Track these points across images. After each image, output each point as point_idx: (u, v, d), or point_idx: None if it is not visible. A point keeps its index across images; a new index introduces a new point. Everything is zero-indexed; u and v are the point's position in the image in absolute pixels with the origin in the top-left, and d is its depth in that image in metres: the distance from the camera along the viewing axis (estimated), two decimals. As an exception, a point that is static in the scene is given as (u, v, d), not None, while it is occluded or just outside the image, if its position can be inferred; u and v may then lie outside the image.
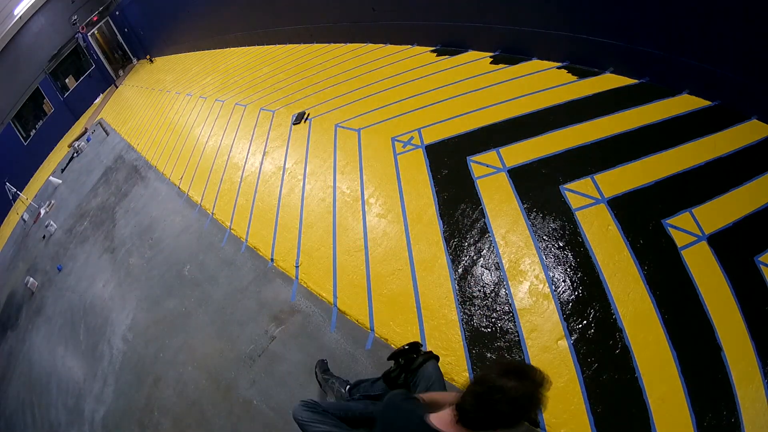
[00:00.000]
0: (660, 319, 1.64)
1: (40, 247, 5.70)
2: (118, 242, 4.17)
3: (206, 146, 4.81)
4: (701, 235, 1.84)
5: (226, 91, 6.03)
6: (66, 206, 6.37)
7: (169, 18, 9.92)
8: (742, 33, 2.10)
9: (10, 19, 10.47)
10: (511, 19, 3.33)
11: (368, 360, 1.97)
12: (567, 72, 3.05)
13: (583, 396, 1.53)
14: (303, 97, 4.53)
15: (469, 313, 1.94)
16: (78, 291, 3.92)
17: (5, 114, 11.04)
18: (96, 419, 2.51)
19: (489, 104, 3.05)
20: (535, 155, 2.51)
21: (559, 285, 1.88)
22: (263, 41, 7.05)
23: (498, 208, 2.33)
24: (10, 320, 4.49)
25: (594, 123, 2.55)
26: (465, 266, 2.13)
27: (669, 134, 2.31)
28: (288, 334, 2.28)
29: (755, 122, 2.20)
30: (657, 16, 2.44)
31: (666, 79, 2.58)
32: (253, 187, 3.57)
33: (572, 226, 2.08)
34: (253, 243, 2.98)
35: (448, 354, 1.83)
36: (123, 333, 2.98)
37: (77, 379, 2.92)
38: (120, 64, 13.78)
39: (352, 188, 2.94)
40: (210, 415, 2.13)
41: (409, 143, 3.05)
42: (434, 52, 4.03)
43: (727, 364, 1.47)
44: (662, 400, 1.45)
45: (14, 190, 8.26)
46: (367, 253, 2.45)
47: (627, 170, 2.21)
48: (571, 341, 1.68)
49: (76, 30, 12.18)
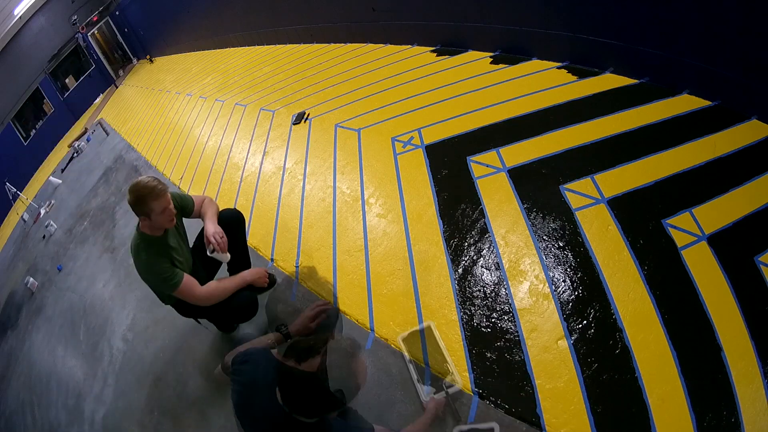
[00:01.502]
0: (660, 319, 1.64)
1: (40, 247, 5.70)
2: (118, 242, 4.17)
3: (206, 146, 4.81)
4: (701, 235, 1.84)
5: (226, 91, 6.04)
6: (66, 206, 6.37)
7: (169, 18, 9.93)
8: (743, 33, 2.10)
9: (10, 19, 10.48)
10: (511, 19, 3.33)
11: (368, 360, 1.97)
12: (567, 72, 3.05)
13: (583, 396, 1.53)
14: (303, 97, 4.53)
15: (469, 313, 1.94)
16: (78, 291, 3.92)
17: (5, 114, 11.04)
18: (96, 419, 2.51)
19: (489, 104, 3.05)
20: (535, 155, 2.51)
21: (559, 285, 1.88)
22: (263, 41, 7.05)
23: (498, 208, 2.33)
24: (10, 320, 4.49)
25: (594, 123, 2.55)
26: (465, 266, 2.13)
27: (669, 134, 2.31)
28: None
29: (755, 122, 2.20)
30: (657, 16, 2.45)
31: (666, 79, 2.58)
32: (253, 187, 3.57)
33: (572, 226, 2.08)
34: (253, 243, 2.98)
35: (449, 354, 1.83)
36: (123, 333, 2.98)
37: (77, 379, 2.92)
38: (120, 64, 13.79)
39: (352, 188, 2.95)
40: (210, 415, 2.13)
41: (409, 143, 3.05)
42: (434, 52, 4.03)
43: (727, 364, 1.47)
44: (662, 400, 1.45)
45: (14, 190, 8.26)
46: (367, 253, 2.45)
47: (627, 170, 2.22)
48: (571, 341, 1.68)
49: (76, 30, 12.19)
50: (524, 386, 1.63)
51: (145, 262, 1.81)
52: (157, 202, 1.71)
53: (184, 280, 1.83)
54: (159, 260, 1.80)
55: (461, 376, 1.74)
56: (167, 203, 1.75)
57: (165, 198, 1.74)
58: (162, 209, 1.73)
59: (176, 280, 1.81)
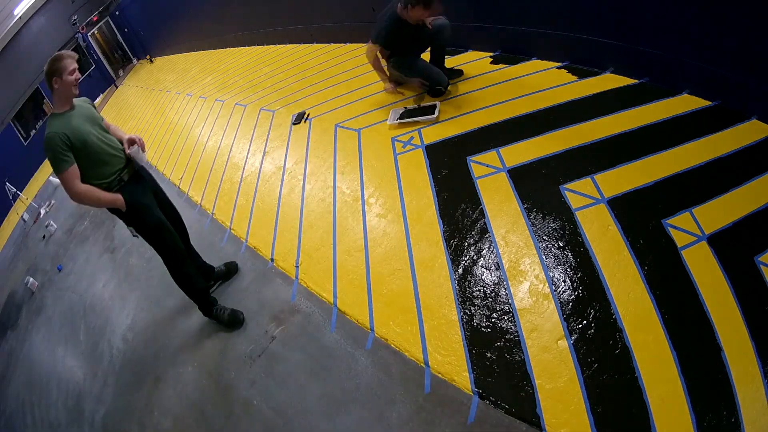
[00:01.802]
0: (660, 319, 1.64)
1: (40, 247, 5.70)
2: (118, 242, 4.17)
3: (206, 146, 4.81)
4: (701, 235, 1.84)
5: (226, 91, 6.04)
6: (66, 206, 6.37)
7: (169, 18, 9.92)
8: (743, 33, 2.10)
9: (10, 19, 10.46)
10: (511, 19, 3.33)
11: (368, 360, 1.97)
12: (567, 72, 3.05)
13: (583, 396, 1.53)
14: (303, 97, 4.53)
15: (469, 313, 1.94)
16: (78, 291, 3.92)
17: (5, 114, 11.03)
18: (96, 419, 2.51)
19: (489, 104, 3.05)
20: (535, 155, 2.51)
21: (559, 285, 1.88)
22: (263, 41, 7.05)
23: (498, 208, 2.33)
24: (10, 320, 4.49)
25: (594, 123, 2.55)
26: (465, 266, 2.13)
27: (669, 134, 2.31)
28: (288, 334, 2.28)
29: (755, 122, 2.20)
30: (657, 16, 2.45)
31: (666, 79, 2.58)
32: (253, 186, 3.57)
33: (572, 226, 2.08)
34: (253, 243, 2.98)
35: (448, 354, 1.83)
36: (123, 333, 2.99)
37: (77, 379, 2.92)
38: (120, 64, 13.77)
39: (352, 188, 2.95)
40: (210, 415, 2.13)
41: (409, 143, 3.05)
42: (434, 52, 4.02)
43: (727, 364, 1.47)
44: (662, 400, 1.45)
45: (14, 190, 8.26)
46: (367, 253, 2.45)
47: (627, 170, 2.22)
48: (571, 341, 1.68)
49: (76, 30, 12.18)
50: (524, 386, 1.63)
51: (47, 136, 1.96)
52: (70, 59, 2.03)
53: (71, 169, 1.98)
54: (58, 135, 1.94)
55: (461, 376, 1.74)
56: (76, 66, 2.07)
57: (75, 61, 2.07)
58: (72, 69, 2.04)
59: (65, 164, 1.96)
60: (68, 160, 1.96)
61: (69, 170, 1.97)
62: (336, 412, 1.85)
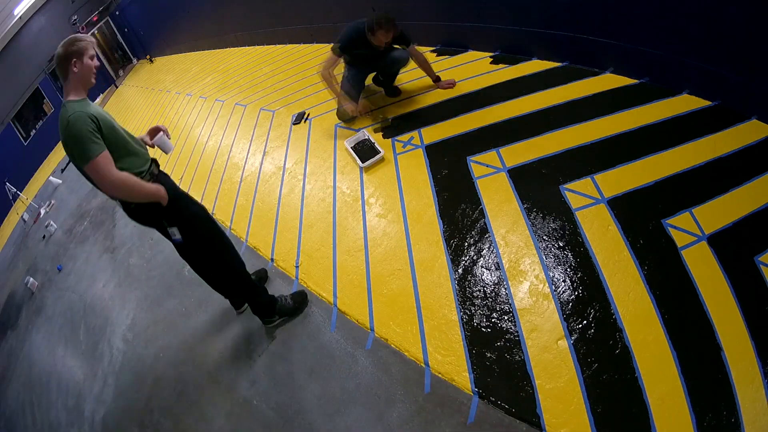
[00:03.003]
0: (660, 319, 1.64)
1: (40, 247, 5.70)
2: (118, 242, 4.17)
3: (206, 146, 4.81)
4: (701, 235, 1.84)
5: (226, 91, 6.03)
6: (66, 206, 6.37)
7: (169, 18, 9.92)
8: (743, 33, 2.10)
9: (10, 19, 10.46)
10: (511, 19, 3.33)
11: (368, 360, 1.97)
12: (567, 72, 3.05)
13: (583, 396, 1.53)
14: (303, 97, 4.53)
15: (469, 313, 1.94)
16: (78, 291, 3.92)
17: (5, 114, 11.03)
18: (96, 419, 2.51)
19: (489, 104, 3.05)
20: (535, 155, 2.51)
21: (559, 285, 1.88)
22: (263, 41, 7.05)
23: (498, 208, 2.33)
24: (10, 320, 4.49)
25: (594, 123, 2.55)
26: (465, 266, 2.13)
27: (669, 134, 2.31)
28: (288, 334, 2.28)
29: (755, 122, 2.21)
30: (657, 16, 2.45)
31: (666, 79, 2.58)
32: (253, 186, 3.57)
33: (572, 226, 2.08)
34: (253, 243, 2.98)
35: (448, 354, 1.83)
36: (123, 333, 2.98)
37: (77, 379, 2.92)
38: (120, 64, 13.78)
39: (352, 188, 2.95)
40: (210, 415, 2.13)
41: (409, 143, 3.05)
42: (434, 52, 4.03)
43: (727, 364, 1.47)
44: (662, 400, 1.45)
45: (14, 190, 8.27)
46: (367, 253, 2.45)
47: (627, 170, 2.22)
48: (571, 341, 1.68)
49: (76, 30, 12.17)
50: (524, 386, 1.63)
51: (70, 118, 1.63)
52: (90, 43, 1.79)
53: (105, 153, 1.66)
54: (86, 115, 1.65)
55: (461, 376, 1.74)
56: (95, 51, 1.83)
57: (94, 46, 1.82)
58: (92, 54, 1.79)
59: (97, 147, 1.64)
60: (100, 142, 1.65)
61: (103, 154, 1.64)
62: (336, 412, 1.85)
